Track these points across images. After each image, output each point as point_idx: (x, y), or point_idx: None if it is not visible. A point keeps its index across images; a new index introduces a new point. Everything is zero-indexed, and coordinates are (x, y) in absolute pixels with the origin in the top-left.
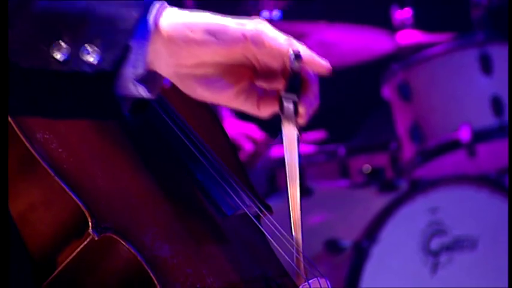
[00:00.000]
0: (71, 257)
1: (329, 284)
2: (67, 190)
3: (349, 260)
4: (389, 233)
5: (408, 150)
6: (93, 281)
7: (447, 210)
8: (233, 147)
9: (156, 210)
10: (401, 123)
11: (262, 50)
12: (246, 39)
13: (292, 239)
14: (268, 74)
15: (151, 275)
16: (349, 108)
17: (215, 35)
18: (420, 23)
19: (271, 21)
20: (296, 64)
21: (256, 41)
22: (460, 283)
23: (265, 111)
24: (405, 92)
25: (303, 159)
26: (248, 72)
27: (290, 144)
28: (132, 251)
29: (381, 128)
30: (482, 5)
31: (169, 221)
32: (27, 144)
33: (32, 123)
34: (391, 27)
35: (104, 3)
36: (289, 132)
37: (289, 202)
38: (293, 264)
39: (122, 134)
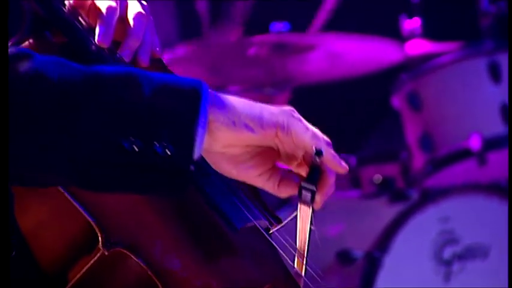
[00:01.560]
0: (81, 273)
1: None
2: (77, 206)
3: (361, 270)
4: (401, 243)
5: (418, 160)
6: None
7: (458, 219)
8: None
9: (165, 225)
10: (411, 132)
11: (288, 139)
12: (276, 127)
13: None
14: (290, 158)
15: None
16: (359, 118)
17: (252, 127)
18: (429, 32)
19: (280, 32)
20: (317, 160)
21: (285, 130)
22: None
23: (284, 192)
24: (415, 102)
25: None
26: (273, 154)
27: (303, 223)
28: (142, 265)
29: (391, 138)
30: (491, 13)
31: (178, 235)
32: None
33: None
34: (399, 37)
35: (162, 93)
36: (304, 213)
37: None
38: (303, 276)
39: None
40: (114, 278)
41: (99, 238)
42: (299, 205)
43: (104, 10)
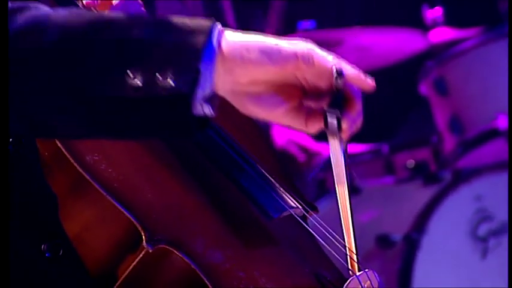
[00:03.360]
0: (128, 271)
1: (377, 276)
2: (119, 208)
3: (400, 252)
4: (438, 224)
5: (449, 143)
6: None
7: (491, 197)
8: (276, 154)
9: (205, 219)
10: (440, 117)
11: (311, 69)
12: (297, 58)
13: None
14: (316, 93)
15: (206, 281)
16: (390, 107)
17: (269, 55)
18: (451, 20)
19: (307, 30)
20: (338, 81)
21: (306, 59)
22: (510, 265)
23: (313, 127)
24: (441, 87)
25: (348, 159)
26: (297, 92)
27: (336, 158)
28: (186, 259)
29: (421, 124)
30: None
31: (218, 228)
32: (78, 168)
33: (81, 147)
34: (423, 27)
35: (169, 31)
36: (335, 146)
37: (340, 211)
38: (341, 260)
39: (167, 148)
40: (159, 273)
41: (143, 237)
42: (329, 139)
43: None
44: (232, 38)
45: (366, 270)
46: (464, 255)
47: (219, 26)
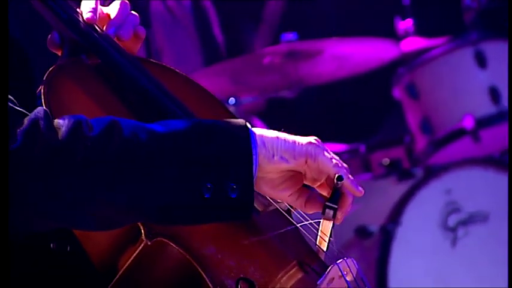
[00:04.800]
0: (129, 262)
1: (355, 263)
2: None
3: (377, 242)
4: (411, 215)
5: (420, 142)
6: (152, 280)
7: (460, 191)
8: None
9: None
10: (412, 119)
11: (315, 166)
12: (306, 156)
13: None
14: (314, 180)
15: (200, 270)
16: (366, 111)
17: (287, 158)
18: (420, 30)
19: (290, 41)
20: (338, 183)
21: (312, 159)
22: (477, 252)
23: (310, 210)
24: (413, 92)
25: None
26: (300, 178)
27: (324, 233)
28: (181, 251)
29: (395, 125)
30: (473, 8)
31: (212, 224)
32: None
33: None
34: (395, 37)
35: (223, 142)
36: (326, 226)
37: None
38: (321, 249)
39: None
40: (157, 263)
41: (142, 231)
42: (322, 221)
43: (113, 14)
44: (262, 144)
45: (345, 258)
46: (435, 244)
47: (252, 131)
